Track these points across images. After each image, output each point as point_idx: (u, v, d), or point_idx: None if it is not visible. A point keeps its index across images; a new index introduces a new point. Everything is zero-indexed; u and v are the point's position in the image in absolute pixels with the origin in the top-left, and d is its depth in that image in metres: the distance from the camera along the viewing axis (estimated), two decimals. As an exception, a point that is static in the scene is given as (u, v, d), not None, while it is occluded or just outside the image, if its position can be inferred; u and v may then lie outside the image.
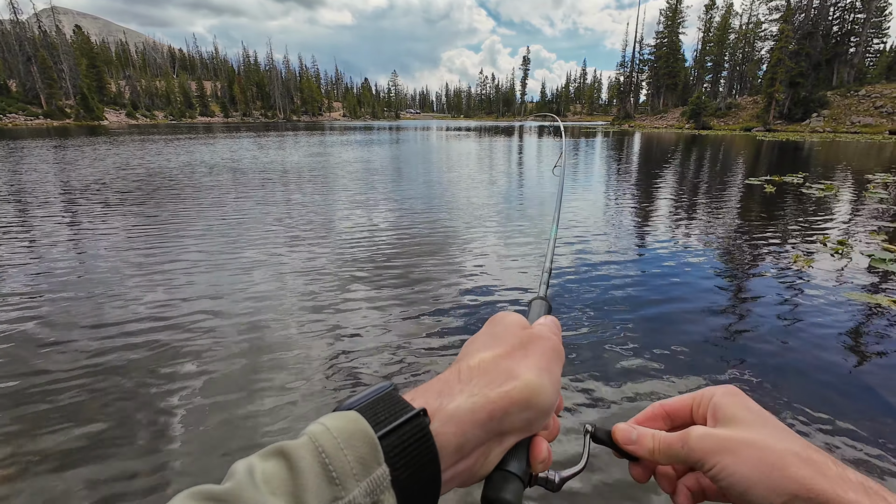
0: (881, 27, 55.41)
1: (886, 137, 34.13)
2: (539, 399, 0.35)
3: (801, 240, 6.06)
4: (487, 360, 0.36)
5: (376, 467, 0.27)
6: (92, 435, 2.30)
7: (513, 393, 0.34)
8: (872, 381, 2.87)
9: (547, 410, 0.36)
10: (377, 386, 0.33)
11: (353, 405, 0.31)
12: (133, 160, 15.71)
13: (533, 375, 0.35)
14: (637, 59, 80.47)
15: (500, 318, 0.42)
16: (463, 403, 0.33)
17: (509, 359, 0.36)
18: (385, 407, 0.31)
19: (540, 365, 0.37)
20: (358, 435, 0.28)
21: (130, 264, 4.84)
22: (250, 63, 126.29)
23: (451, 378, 0.35)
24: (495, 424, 0.33)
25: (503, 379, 0.34)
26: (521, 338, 0.39)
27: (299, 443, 0.27)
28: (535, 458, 0.37)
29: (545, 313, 0.48)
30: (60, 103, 74.32)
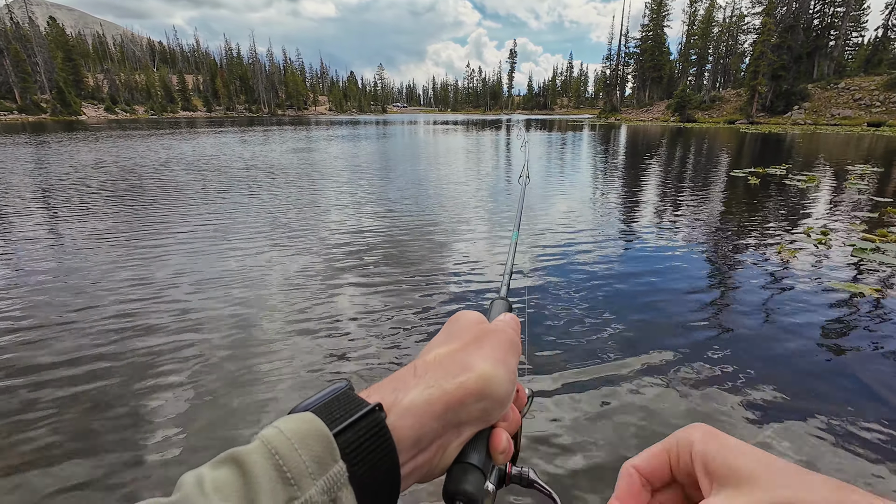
0: (860, 21, 56.51)
1: (865, 129, 34.93)
2: (494, 388, 0.35)
3: (784, 231, 6.15)
4: (443, 355, 0.37)
5: (333, 464, 0.27)
6: (75, 437, 2.23)
7: (468, 383, 0.34)
8: (855, 367, 2.92)
9: (503, 400, 0.36)
10: (332, 387, 0.33)
11: (307, 406, 0.31)
12: (112, 157, 15.31)
13: (488, 366, 0.36)
14: (623, 53, 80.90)
15: (458, 317, 0.42)
16: (418, 396, 0.33)
17: (464, 352, 0.37)
18: (340, 405, 0.31)
19: (495, 356, 0.37)
20: (312, 434, 0.28)
21: (112, 263, 4.71)
22: (233, 56, 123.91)
23: (406, 374, 0.35)
24: (452, 415, 0.33)
25: (458, 371, 0.35)
26: (477, 332, 0.40)
27: (251, 447, 0.27)
28: (495, 449, 0.37)
29: (505, 311, 0.50)
30: (35, 98, 72.11)
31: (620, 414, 2.44)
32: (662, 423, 2.37)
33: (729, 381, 2.74)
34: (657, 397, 2.58)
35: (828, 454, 2.18)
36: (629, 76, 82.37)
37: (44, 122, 55.21)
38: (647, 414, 2.44)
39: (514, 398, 0.40)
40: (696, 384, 2.71)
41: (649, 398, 2.57)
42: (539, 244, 5.43)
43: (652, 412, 2.46)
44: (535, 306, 3.72)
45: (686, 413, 2.45)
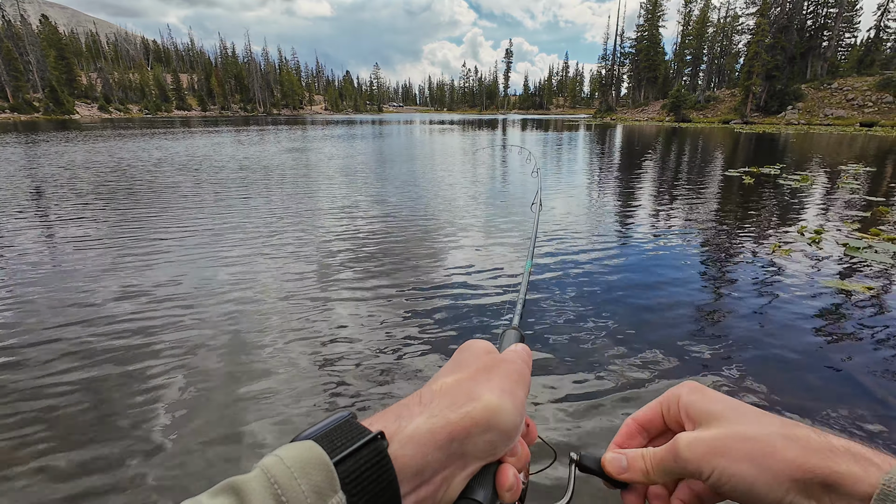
0: (852, 21, 56.97)
1: (857, 129, 35.23)
2: (500, 420, 0.34)
3: (779, 229, 6.19)
4: (449, 384, 0.36)
5: (332, 495, 0.27)
6: (70, 440, 2.20)
7: (473, 413, 0.33)
8: (849, 365, 2.94)
9: (510, 433, 0.35)
10: (335, 416, 0.32)
11: (309, 435, 0.30)
12: (104, 157, 15.19)
13: (494, 396, 0.35)
14: (618, 53, 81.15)
15: (467, 346, 0.42)
16: (422, 425, 0.32)
17: (471, 381, 0.36)
18: (342, 434, 0.30)
19: (503, 386, 0.36)
20: (313, 463, 0.27)
21: (102, 267, 4.67)
22: (228, 55, 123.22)
23: (411, 402, 0.35)
24: (457, 447, 0.33)
25: (464, 400, 0.34)
26: (486, 362, 0.39)
27: (251, 476, 0.27)
28: (501, 486, 0.35)
29: (516, 342, 0.48)
30: (28, 96, 71.47)
31: (614, 413, 2.45)
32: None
33: (724, 380, 2.75)
34: (648, 397, 2.58)
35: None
36: (625, 76, 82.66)
37: (36, 121, 54.71)
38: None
39: (524, 433, 0.39)
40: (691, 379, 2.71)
41: (644, 398, 2.58)
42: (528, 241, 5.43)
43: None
44: (532, 306, 3.73)
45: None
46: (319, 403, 2.50)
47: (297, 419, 2.37)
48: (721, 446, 0.35)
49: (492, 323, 3.43)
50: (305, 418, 2.38)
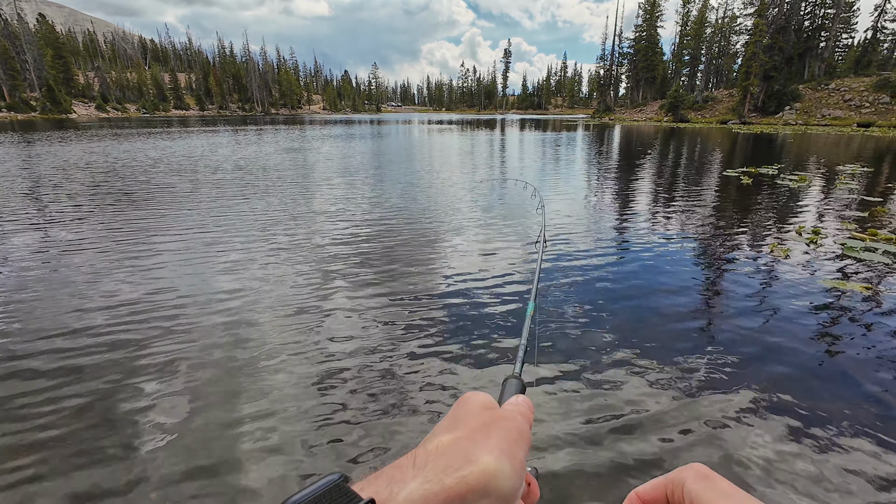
0: (849, 22, 57.10)
1: (854, 130, 35.33)
2: (498, 484, 0.32)
3: (777, 230, 6.21)
4: (445, 444, 0.34)
5: None
6: (66, 443, 2.20)
7: (469, 478, 0.31)
8: (847, 365, 2.95)
9: (508, 497, 0.34)
10: (325, 478, 0.31)
11: (297, 501, 0.29)
12: (101, 157, 15.14)
13: (492, 458, 0.33)
14: (616, 53, 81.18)
15: (466, 399, 0.40)
16: (416, 490, 0.30)
17: (468, 441, 0.34)
18: (331, 501, 0.29)
19: (501, 447, 0.34)
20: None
21: (97, 269, 4.65)
22: (226, 54, 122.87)
23: (405, 463, 0.33)
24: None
25: (460, 463, 0.32)
26: (484, 419, 0.37)
27: None
28: None
29: (517, 392, 0.46)
30: (25, 95, 71.13)
31: (612, 416, 2.45)
32: (656, 425, 2.38)
33: (722, 380, 2.76)
34: (650, 398, 2.59)
35: (820, 452, 2.20)
36: (623, 76, 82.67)
37: (33, 121, 54.47)
38: (638, 415, 2.45)
39: (525, 492, 0.37)
40: (690, 384, 2.72)
41: (641, 398, 2.58)
42: (530, 239, 5.44)
43: (644, 413, 2.46)
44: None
45: (680, 414, 2.46)
46: (316, 422, 2.49)
47: (292, 438, 2.36)
48: None
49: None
50: (301, 437, 2.37)
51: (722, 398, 2.57)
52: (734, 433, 2.30)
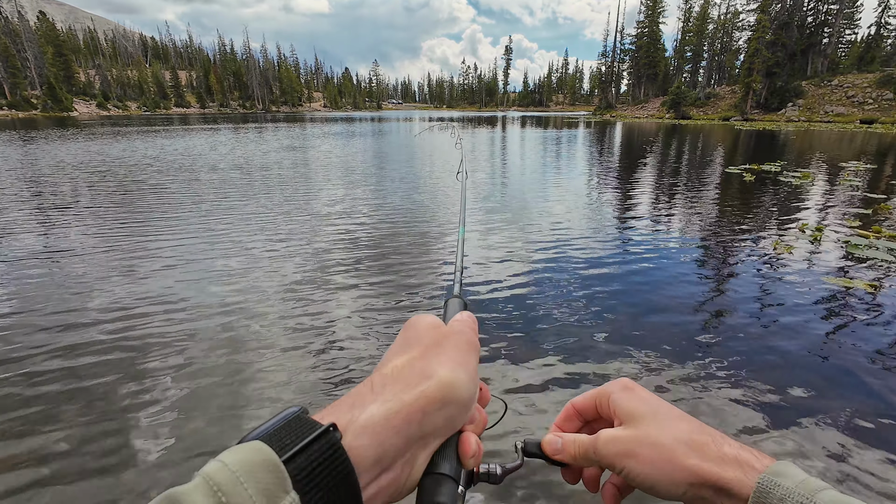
0: (853, 18, 56.80)
1: (858, 126, 35.18)
2: (456, 393, 0.34)
3: (780, 227, 6.18)
4: (400, 366, 0.35)
5: (283, 496, 0.25)
6: (68, 438, 2.19)
7: (428, 392, 0.33)
8: (850, 362, 2.93)
9: (467, 404, 0.36)
10: (284, 412, 0.31)
11: (256, 435, 0.28)
12: (102, 156, 15.15)
13: (447, 371, 0.35)
14: (618, 49, 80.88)
15: (413, 322, 0.41)
16: (376, 412, 0.31)
17: (422, 359, 0.36)
18: (292, 430, 0.29)
19: (454, 359, 0.36)
20: (260, 465, 0.26)
21: (103, 263, 4.65)
22: (226, 52, 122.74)
23: (363, 390, 0.33)
24: (415, 429, 0.32)
25: (417, 380, 0.34)
26: (434, 337, 0.39)
27: (191, 486, 0.24)
28: (465, 454, 0.36)
29: (460, 310, 0.48)
30: (26, 94, 71.21)
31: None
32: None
33: (724, 377, 2.74)
34: (655, 394, 2.57)
35: (821, 448, 2.18)
36: (624, 73, 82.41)
37: (34, 119, 54.53)
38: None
39: (478, 397, 0.39)
40: (691, 380, 2.70)
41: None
42: (532, 239, 5.42)
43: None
44: (530, 302, 3.71)
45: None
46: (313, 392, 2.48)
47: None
48: (631, 449, 0.39)
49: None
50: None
51: (722, 396, 2.55)
52: (734, 432, 2.29)
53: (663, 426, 0.40)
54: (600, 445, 0.41)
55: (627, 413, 0.42)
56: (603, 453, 0.41)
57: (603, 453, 0.41)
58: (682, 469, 0.37)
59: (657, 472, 0.38)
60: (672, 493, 0.38)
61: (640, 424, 0.41)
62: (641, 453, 0.39)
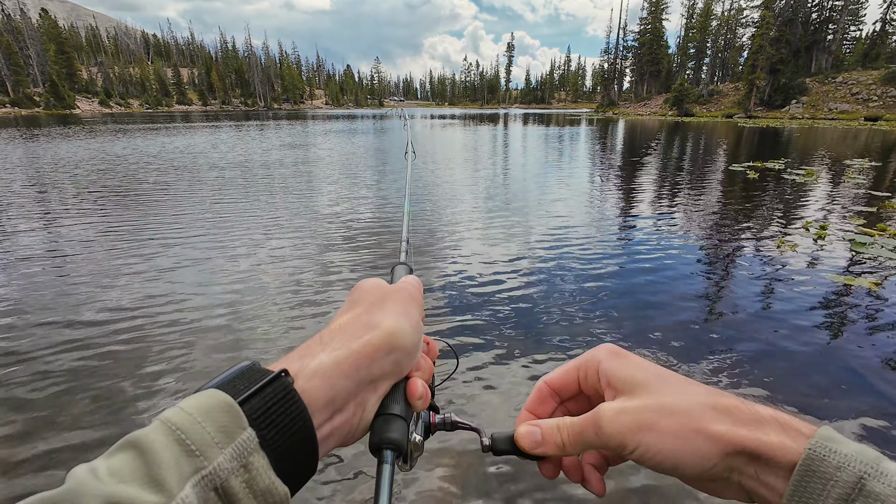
0: (857, 15, 56.36)
1: (862, 124, 34.98)
2: (401, 340, 0.36)
3: (783, 225, 6.14)
4: (347, 320, 0.37)
5: (240, 432, 0.27)
6: (73, 433, 2.19)
7: (374, 340, 0.35)
8: (854, 360, 2.91)
9: (411, 350, 0.37)
10: (237, 365, 0.32)
11: (211, 385, 0.30)
12: (104, 153, 15.17)
13: (391, 321, 0.37)
14: (621, 46, 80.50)
15: (359, 285, 0.43)
16: (326, 359, 0.33)
17: (367, 314, 0.38)
18: (245, 379, 0.30)
19: (397, 310, 0.38)
20: (216, 407, 0.27)
21: (106, 260, 4.66)
22: (228, 49, 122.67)
23: (312, 343, 0.35)
24: (364, 373, 0.34)
25: (363, 331, 0.36)
26: (378, 294, 0.40)
27: (149, 428, 0.26)
28: (413, 396, 0.37)
29: (406, 274, 0.51)
30: (28, 91, 71.35)
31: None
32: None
33: (725, 376, 2.73)
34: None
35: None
36: (627, 70, 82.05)
37: (37, 116, 54.67)
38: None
39: (425, 350, 0.41)
40: (691, 374, 2.69)
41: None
42: (535, 235, 5.41)
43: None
44: (531, 298, 3.70)
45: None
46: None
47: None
48: (647, 420, 0.33)
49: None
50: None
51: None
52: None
53: (679, 391, 0.34)
54: (605, 422, 0.35)
55: (626, 381, 0.36)
56: (609, 431, 0.34)
57: (609, 431, 0.34)
58: (713, 438, 0.31)
59: (682, 444, 0.32)
60: (699, 468, 0.32)
61: (649, 392, 0.35)
62: (661, 424, 0.33)
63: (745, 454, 0.31)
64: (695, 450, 0.31)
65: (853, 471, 0.27)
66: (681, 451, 0.32)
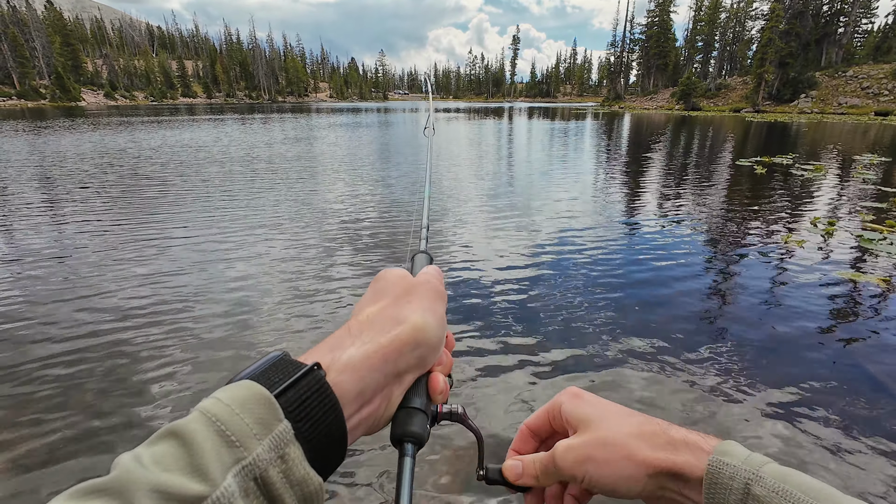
0: (869, 7, 55.42)
1: (872, 118, 34.51)
2: (427, 336, 0.38)
3: (791, 220, 6.09)
4: (374, 313, 0.38)
5: (277, 423, 0.28)
6: (76, 425, 2.22)
7: (402, 335, 0.36)
8: (861, 358, 2.90)
9: (436, 345, 0.39)
10: (268, 356, 0.33)
11: (245, 376, 0.31)
12: (111, 146, 15.22)
13: (417, 316, 0.38)
14: (628, 39, 79.66)
15: (383, 275, 0.44)
16: (356, 352, 0.34)
17: (394, 307, 0.39)
18: (278, 370, 0.31)
19: (423, 306, 0.39)
20: (253, 398, 0.28)
21: (112, 252, 4.69)
22: (232, 41, 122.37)
23: (342, 334, 0.36)
24: (391, 367, 0.35)
25: (391, 325, 0.37)
26: (404, 286, 0.42)
27: (189, 418, 0.27)
28: (434, 391, 0.39)
29: (427, 264, 0.51)
30: (34, 83, 71.55)
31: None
32: (660, 411, 2.35)
33: (732, 370, 2.72)
34: (654, 387, 2.56)
35: (829, 449, 2.17)
36: (634, 63, 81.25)
37: (43, 108, 54.88)
38: (642, 403, 2.43)
39: (445, 343, 0.43)
40: (697, 372, 2.69)
41: (645, 386, 2.56)
42: (540, 230, 5.40)
43: (649, 401, 2.44)
44: (538, 292, 3.70)
45: (685, 402, 2.43)
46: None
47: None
48: (587, 454, 0.40)
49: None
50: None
51: (730, 391, 2.54)
52: (741, 427, 2.27)
53: (613, 425, 0.41)
54: (558, 457, 0.41)
55: (578, 420, 0.43)
56: (561, 465, 0.41)
57: (561, 465, 0.41)
58: (638, 462, 0.38)
59: (615, 471, 0.38)
60: (633, 489, 0.38)
61: (592, 428, 0.41)
62: (597, 455, 0.39)
63: (664, 474, 0.37)
64: (625, 474, 0.38)
65: (741, 479, 0.33)
66: (616, 476, 0.38)
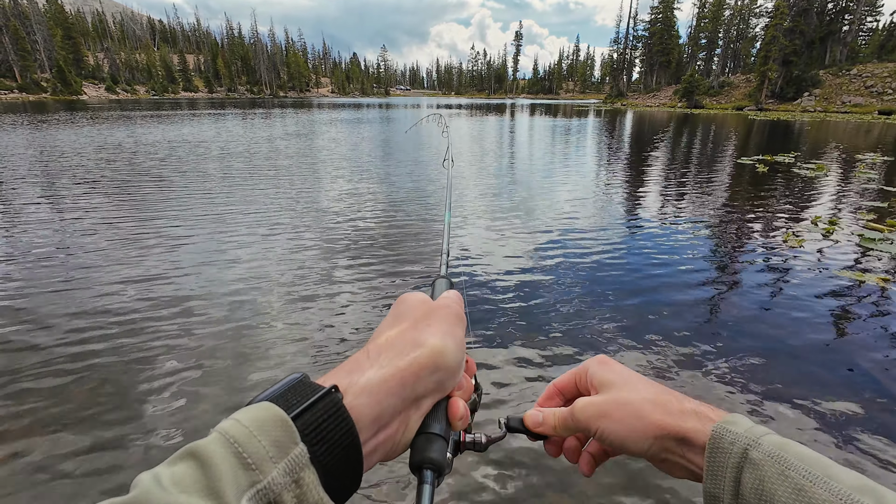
0: (875, 5, 55.01)
1: (875, 117, 34.32)
2: (446, 360, 0.37)
3: (792, 219, 6.08)
4: (393, 336, 0.38)
5: (293, 447, 0.28)
6: (78, 421, 2.23)
7: (420, 358, 0.36)
8: (860, 357, 2.90)
9: (455, 370, 0.39)
10: (287, 378, 0.33)
11: (264, 397, 0.31)
12: (114, 140, 15.20)
13: (437, 340, 0.38)
14: (631, 36, 79.27)
15: (404, 299, 0.44)
16: (374, 376, 0.34)
17: (413, 330, 0.39)
18: (297, 393, 0.31)
19: (443, 329, 0.39)
20: (270, 420, 0.28)
21: (112, 247, 4.70)
22: (234, 35, 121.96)
23: (360, 357, 0.36)
24: (409, 391, 0.35)
25: (410, 348, 0.37)
26: (424, 311, 0.42)
27: (208, 439, 0.27)
28: (454, 417, 0.39)
29: (447, 289, 0.52)
30: (35, 76, 71.43)
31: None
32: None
33: (731, 368, 2.72)
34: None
35: (830, 443, 2.17)
36: (636, 60, 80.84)
37: (44, 102, 54.82)
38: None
39: (465, 367, 0.43)
40: (697, 370, 2.69)
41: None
42: (540, 229, 5.39)
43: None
44: (537, 290, 3.70)
45: (690, 401, 2.43)
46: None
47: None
48: (604, 410, 0.44)
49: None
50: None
51: (729, 391, 2.54)
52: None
53: (632, 389, 0.44)
54: (577, 411, 0.45)
55: (602, 382, 0.46)
56: (579, 417, 0.45)
57: (579, 417, 0.45)
58: (649, 424, 0.41)
59: (627, 428, 0.42)
60: (640, 446, 0.42)
61: (614, 390, 0.45)
62: (613, 413, 0.43)
63: (671, 437, 0.40)
64: (635, 432, 0.41)
65: (741, 444, 0.36)
66: (626, 433, 0.42)
